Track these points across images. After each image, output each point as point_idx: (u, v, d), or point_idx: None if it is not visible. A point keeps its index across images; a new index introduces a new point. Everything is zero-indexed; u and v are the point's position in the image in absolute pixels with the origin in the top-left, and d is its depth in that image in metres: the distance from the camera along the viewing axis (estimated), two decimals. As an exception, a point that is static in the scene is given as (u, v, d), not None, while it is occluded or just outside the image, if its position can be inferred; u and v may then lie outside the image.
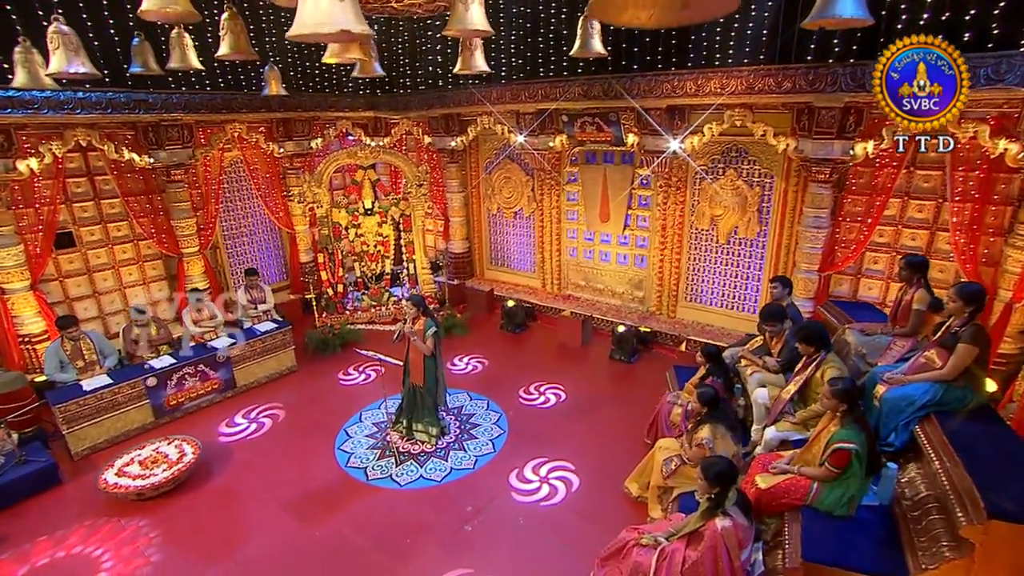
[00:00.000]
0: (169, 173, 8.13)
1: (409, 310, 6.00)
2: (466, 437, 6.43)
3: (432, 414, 6.29)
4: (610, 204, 8.83)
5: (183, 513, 5.40)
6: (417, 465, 5.97)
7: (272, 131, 9.34)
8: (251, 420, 6.92)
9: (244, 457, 6.24)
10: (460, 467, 5.93)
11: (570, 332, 8.64)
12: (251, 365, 7.55)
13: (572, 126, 8.30)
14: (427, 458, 6.07)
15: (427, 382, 6.14)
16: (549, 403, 7.10)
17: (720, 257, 8.11)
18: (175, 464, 5.75)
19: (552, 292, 9.96)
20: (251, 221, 9.77)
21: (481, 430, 6.55)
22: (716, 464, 3.73)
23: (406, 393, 6.31)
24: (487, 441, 6.35)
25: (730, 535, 3.68)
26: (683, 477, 4.89)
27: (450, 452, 6.16)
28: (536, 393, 7.32)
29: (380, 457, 6.12)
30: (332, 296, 9.26)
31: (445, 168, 10.24)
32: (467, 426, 6.64)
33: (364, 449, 6.27)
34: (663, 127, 7.50)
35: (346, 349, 8.58)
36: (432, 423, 6.29)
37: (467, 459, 6.05)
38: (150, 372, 6.67)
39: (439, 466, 5.95)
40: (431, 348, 6.00)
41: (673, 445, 5.21)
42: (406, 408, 6.38)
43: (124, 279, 8.41)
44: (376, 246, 9.56)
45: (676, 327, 8.40)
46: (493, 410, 6.96)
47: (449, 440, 6.37)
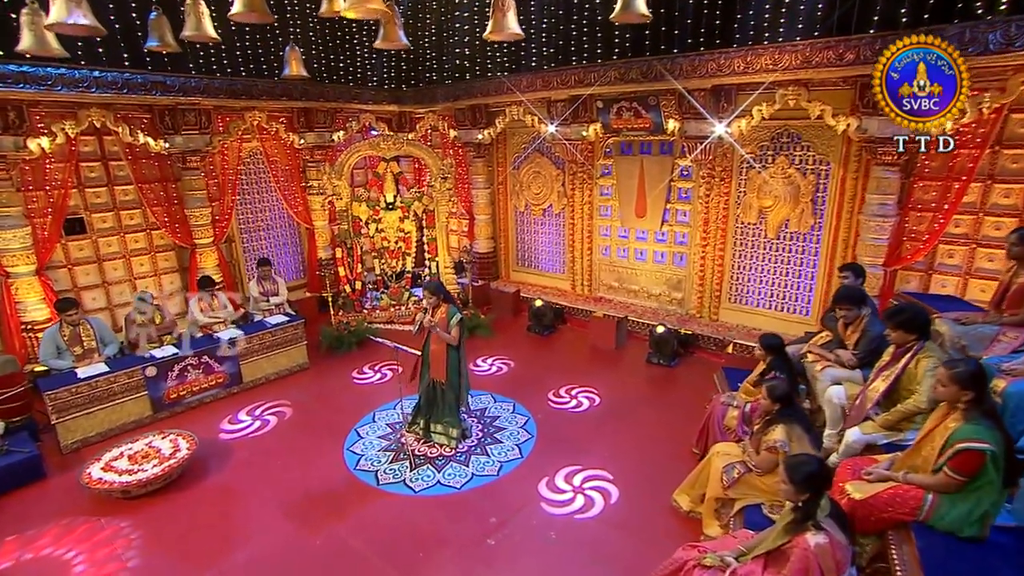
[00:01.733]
0: (185, 160, 7.67)
1: (428, 298, 5.33)
2: (490, 441, 5.69)
3: (453, 414, 5.57)
4: (647, 198, 8.13)
5: (171, 514, 4.73)
6: (434, 470, 5.24)
7: (293, 121, 8.87)
8: (255, 417, 6.27)
9: (244, 455, 5.58)
10: (482, 473, 5.19)
11: (602, 334, 7.88)
12: (259, 360, 6.93)
13: (607, 113, 7.66)
14: (445, 462, 5.34)
15: (450, 377, 5.43)
16: (582, 407, 6.34)
17: (769, 253, 7.31)
18: (167, 460, 5.10)
19: (583, 294, 9.23)
20: (269, 215, 9.27)
21: (506, 434, 5.81)
22: (805, 464, 2.94)
23: (424, 390, 5.60)
24: (513, 446, 5.60)
25: (825, 554, 2.87)
26: (748, 487, 4.09)
27: (471, 457, 5.43)
28: (567, 396, 6.56)
29: (393, 460, 5.40)
30: (350, 294, 8.65)
31: (471, 164, 9.67)
32: (491, 429, 5.91)
33: (376, 451, 5.57)
34: (707, 110, 6.81)
35: (362, 347, 7.93)
36: (453, 424, 5.56)
37: (491, 465, 5.31)
38: (150, 361, 6.08)
39: (459, 472, 5.20)
40: (456, 337, 5.31)
41: (733, 450, 4.40)
42: (424, 407, 5.67)
43: (135, 269, 7.92)
44: (397, 242, 8.95)
45: (719, 331, 7.59)
46: (520, 413, 6.22)
47: (471, 444, 5.63)
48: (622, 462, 5.27)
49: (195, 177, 7.85)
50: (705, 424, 5.24)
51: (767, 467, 4.00)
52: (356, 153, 8.52)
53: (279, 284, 7.75)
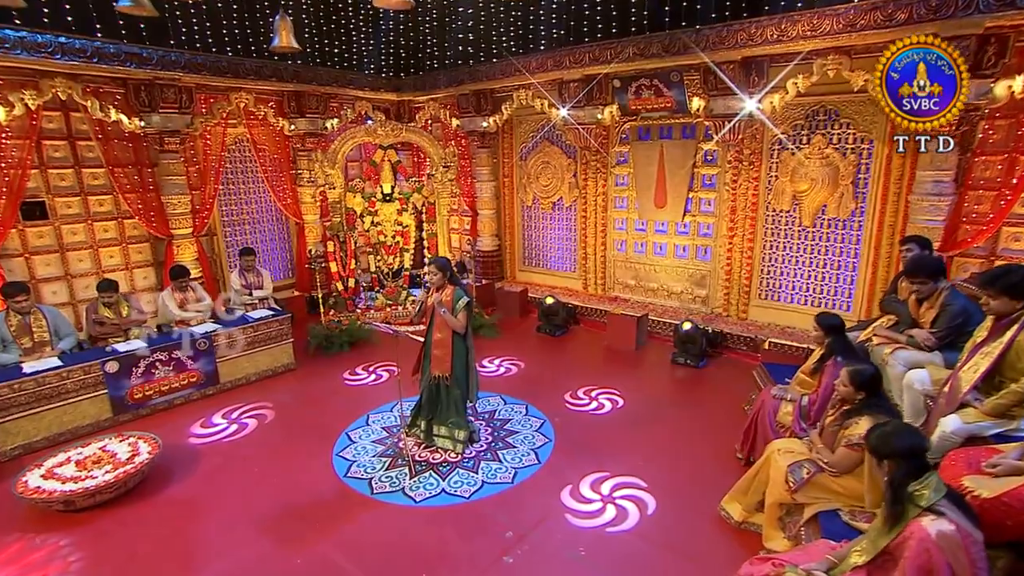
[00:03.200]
0: (163, 141, 7.07)
1: (433, 276, 4.70)
2: (501, 446, 5.00)
3: (459, 413, 4.88)
4: (667, 186, 7.57)
5: (123, 529, 4.00)
6: (438, 477, 4.53)
7: (283, 105, 8.31)
8: (232, 420, 5.56)
9: (216, 462, 4.85)
10: (494, 481, 4.49)
11: (620, 334, 7.24)
12: (239, 358, 6.23)
13: (625, 93, 7.14)
14: (451, 469, 4.64)
15: (455, 370, 4.76)
16: (604, 409, 5.68)
17: (804, 243, 6.73)
18: (123, 465, 4.37)
19: (596, 294, 8.60)
20: (255, 208, 8.64)
21: (520, 438, 5.12)
22: (902, 434, 2.40)
23: (426, 387, 4.92)
24: (528, 451, 4.91)
25: (954, 547, 2.23)
26: (820, 490, 3.42)
27: (481, 463, 4.73)
28: (586, 398, 5.90)
29: (390, 466, 4.70)
30: (342, 292, 7.98)
31: (474, 155, 9.10)
32: (502, 433, 5.22)
33: (370, 456, 4.86)
34: (737, 84, 6.29)
35: (355, 347, 7.24)
36: (459, 425, 4.87)
37: (503, 471, 4.61)
38: (112, 355, 5.37)
39: (467, 479, 4.51)
40: (463, 324, 4.67)
41: (797, 447, 3.74)
42: (426, 406, 4.98)
43: (103, 262, 7.23)
44: (394, 237, 8.33)
45: (750, 329, 6.96)
46: (534, 415, 5.54)
47: (479, 448, 4.94)
48: (656, 468, 4.60)
49: (173, 161, 7.24)
50: (752, 423, 4.58)
51: (846, 466, 3.34)
52: (351, 139, 7.94)
53: (263, 276, 7.07)
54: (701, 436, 5.11)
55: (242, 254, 6.97)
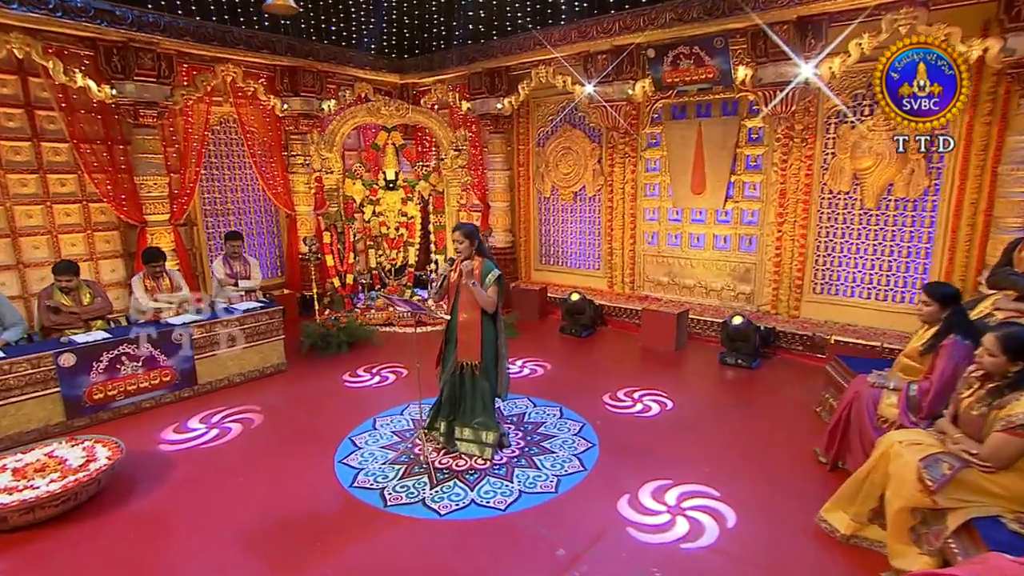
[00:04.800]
0: (137, 114, 6.48)
1: (459, 244, 4.10)
2: (536, 451, 4.35)
3: (487, 411, 4.24)
4: (706, 169, 7.06)
5: (70, 551, 3.30)
6: (464, 486, 3.87)
7: (275, 82, 7.77)
8: (212, 425, 4.86)
9: (192, 470, 4.16)
10: (534, 490, 3.84)
11: (656, 333, 6.65)
12: (221, 355, 5.56)
13: (660, 64, 6.67)
14: (479, 477, 3.98)
15: (484, 358, 4.14)
16: (651, 412, 5.06)
17: (866, 228, 6.20)
18: (74, 473, 3.67)
19: (623, 293, 8.02)
20: (241, 196, 8.03)
21: (558, 442, 4.48)
22: None
23: (448, 381, 4.28)
24: (570, 456, 4.26)
25: None
26: (970, 490, 2.80)
27: (514, 470, 4.07)
28: (629, 400, 5.29)
29: (405, 475, 4.03)
30: (338, 288, 7.35)
31: (487, 142, 8.59)
32: (535, 437, 4.57)
33: (380, 464, 4.19)
34: (791, 48, 5.84)
35: (355, 348, 6.59)
36: (487, 426, 4.22)
37: (544, 480, 3.96)
38: (68, 347, 4.69)
39: (500, 488, 3.85)
40: (495, 301, 4.06)
41: (925, 438, 3.12)
42: (446, 405, 4.34)
43: (64, 250, 6.54)
44: (398, 229, 7.76)
45: (806, 327, 6.38)
46: (570, 418, 4.90)
47: (511, 454, 4.28)
48: (725, 476, 3.98)
49: (150, 138, 6.64)
50: (839, 421, 3.97)
51: (1006, 457, 2.72)
52: (352, 119, 7.42)
53: (251, 265, 6.42)
54: (769, 441, 4.51)
55: (227, 238, 6.32)
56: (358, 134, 9.03)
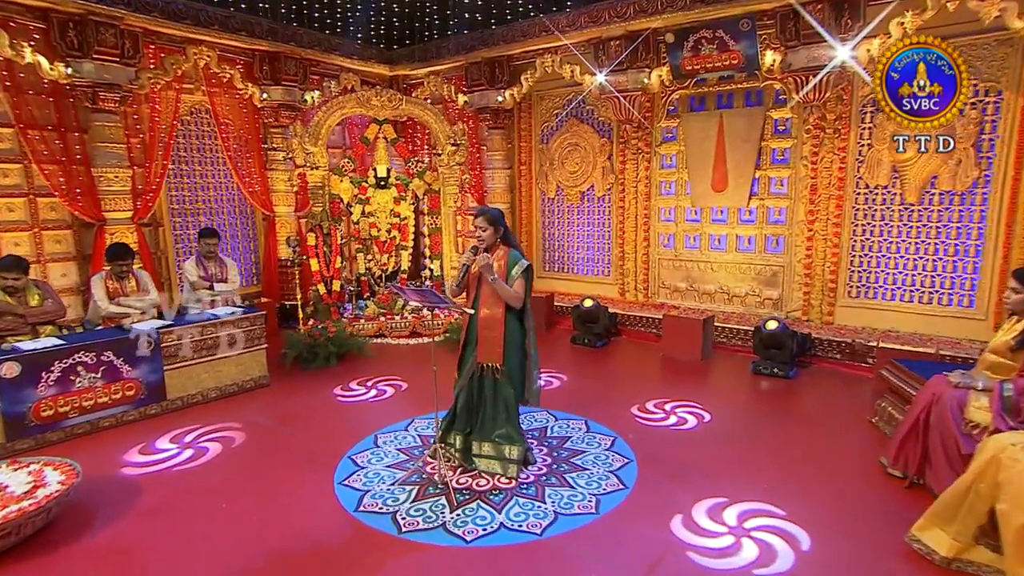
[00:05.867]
0: (97, 98, 6.11)
1: (481, 231, 3.80)
2: (566, 468, 4.01)
3: (511, 423, 3.89)
4: (728, 165, 6.91)
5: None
6: (490, 508, 3.51)
7: (253, 69, 7.46)
8: (185, 445, 4.43)
9: (162, 497, 3.73)
10: (571, 511, 3.49)
11: (681, 342, 6.40)
12: (195, 366, 5.14)
13: (680, 50, 6.53)
14: (505, 498, 3.62)
15: (508, 360, 3.80)
16: (687, 425, 4.77)
17: (907, 225, 6.05)
18: (16, 502, 3.22)
19: (636, 301, 7.79)
20: (213, 195, 7.65)
21: (589, 458, 4.15)
22: None
23: (464, 389, 3.94)
24: (606, 473, 3.94)
25: None
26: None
27: (545, 489, 3.72)
28: (661, 412, 5.00)
29: (418, 496, 3.65)
30: (324, 296, 6.96)
31: (486, 138, 8.37)
32: (562, 453, 4.23)
33: (388, 485, 3.80)
34: (826, 28, 5.72)
35: (346, 360, 6.21)
36: (511, 439, 3.88)
37: (581, 499, 3.62)
38: (11, 354, 4.24)
39: (532, 510, 3.49)
40: (521, 296, 3.76)
41: (1042, 438, 2.85)
42: (462, 415, 3.99)
43: (6, 251, 5.95)
44: (390, 231, 7.43)
45: (843, 333, 6.17)
46: (599, 432, 4.59)
47: (537, 472, 3.94)
48: (787, 493, 3.69)
49: (111, 125, 6.27)
50: (915, 427, 3.71)
51: None
52: (339, 110, 7.13)
53: (228, 267, 6.00)
54: (825, 454, 4.25)
55: (202, 235, 5.90)
56: (343, 130, 8.74)
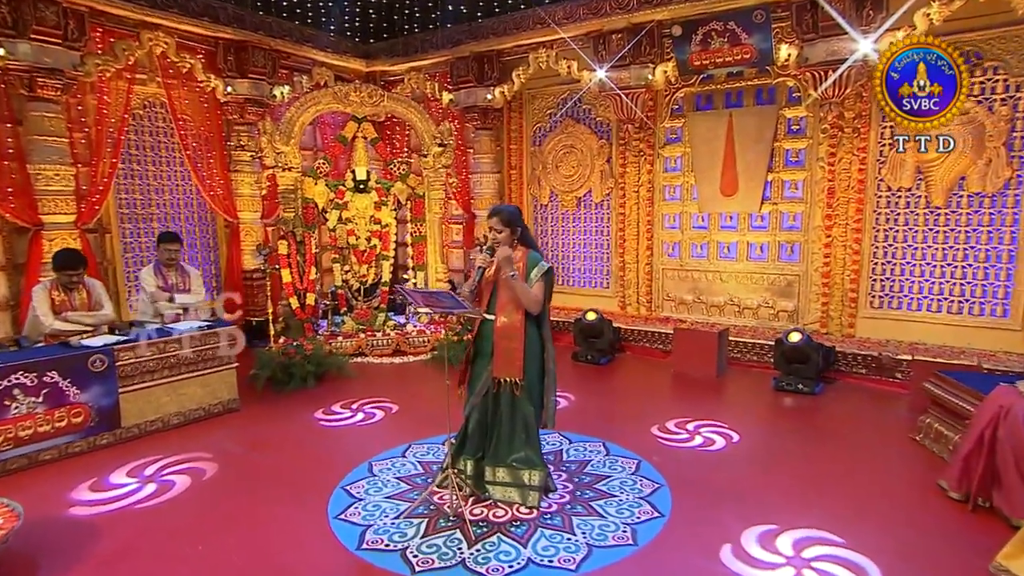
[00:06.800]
0: (34, 84, 5.74)
1: (496, 232, 3.61)
2: (592, 495, 3.80)
3: (533, 444, 3.69)
4: (738, 167, 6.89)
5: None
6: (514, 543, 3.27)
7: (216, 59, 7.19)
8: (145, 479, 4.08)
9: (122, 540, 3.39)
10: (605, 543, 3.29)
11: (693, 358, 6.33)
12: (155, 388, 4.80)
13: (687, 43, 6.50)
14: (528, 530, 3.40)
15: (528, 373, 3.60)
16: (715, 446, 4.65)
17: (933, 230, 6.06)
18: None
19: (638, 315, 7.70)
20: (170, 199, 7.31)
21: (615, 484, 3.97)
22: None
23: (477, 407, 3.73)
24: (637, 500, 3.75)
25: None
26: None
27: (572, 519, 3.50)
28: (683, 432, 4.87)
29: (429, 531, 3.39)
30: (296, 311, 6.65)
31: (473, 140, 8.25)
32: (583, 478, 4.03)
33: (391, 519, 3.54)
34: (846, 20, 5.74)
35: (323, 381, 5.91)
36: (531, 463, 3.66)
37: (613, 529, 3.42)
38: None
39: (562, 543, 3.28)
40: (540, 301, 3.59)
41: None
42: (473, 437, 3.78)
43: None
44: (370, 239, 7.19)
45: (867, 346, 6.12)
46: (621, 455, 4.42)
47: (559, 499, 3.73)
48: (841, 518, 3.54)
49: (50, 116, 5.91)
50: (978, 445, 3.62)
51: None
52: (313, 106, 6.92)
53: (191, 276, 5.63)
54: (872, 476, 4.16)
55: (162, 241, 5.53)
56: (314, 130, 8.49)
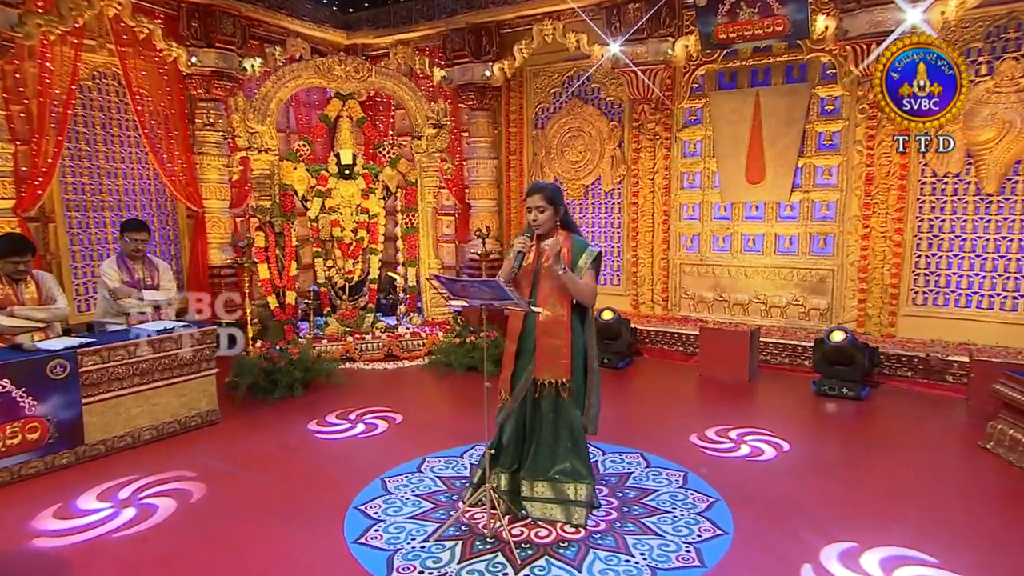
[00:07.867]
0: (-40, 46, 5.46)
1: (539, 211, 3.49)
2: (642, 511, 3.67)
3: (580, 454, 3.58)
4: (765, 152, 6.88)
5: None
6: (567, 566, 3.12)
7: (179, 25, 6.91)
8: (120, 503, 3.82)
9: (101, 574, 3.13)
10: (668, 566, 3.16)
11: (722, 360, 6.35)
12: (124, 397, 4.53)
13: (712, 15, 6.45)
14: (580, 551, 3.25)
15: (575, 374, 3.48)
16: (764, 456, 4.60)
17: (985, 219, 6.08)
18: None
19: (652, 314, 7.69)
20: (124, 184, 7.00)
21: (665, 498, 3.86)
22: None
23: (514, 413, 3.59)
24: (695, 517, 3.63)
25: None
26: None
27: (626, 539, 3.35)
28: (727, 441, 4.85)
29: (466, 555, 3.21)
30: (275, 311, 6.40)
31: (468, 122, 8.15)
32: (628, 493, 3.90)
33: (420, 541, 3.35)
34: (890, -12, 5.75)
35: (311, 390, 5.69)
36: (578, 476, 3.55)
37: (675, 549, 3.29)
38: None
39: (620, 565, 3.15)
40: (593, 292, 3.54)
41: None
42: (510, 447, 3.62)
43: None
44: (356, 231, 6.99)
45: (910, 348, 6.10)
46: (663, 467, 4.34)
47: (606, 517, 3.60)
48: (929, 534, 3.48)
49: (-21, 87, 5.63)
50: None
51: None
52: (292, 80, 6.72)
53: (160, 270, 5.33)
54: (945, 487, 4.15)
55: (126, 229, 5.20)
56: (287, 109, 8.24)
